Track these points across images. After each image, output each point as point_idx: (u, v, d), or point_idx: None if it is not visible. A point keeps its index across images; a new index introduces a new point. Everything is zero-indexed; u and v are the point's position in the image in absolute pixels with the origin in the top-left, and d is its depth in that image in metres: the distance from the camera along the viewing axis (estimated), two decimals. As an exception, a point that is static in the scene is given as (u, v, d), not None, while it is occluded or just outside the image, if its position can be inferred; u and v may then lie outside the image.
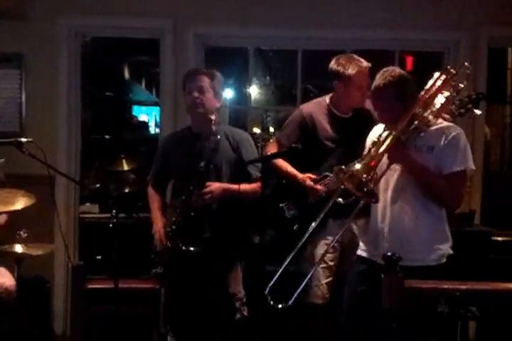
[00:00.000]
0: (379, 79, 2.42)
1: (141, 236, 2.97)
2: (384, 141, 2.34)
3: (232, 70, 6.03)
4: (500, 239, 3.61)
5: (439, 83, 2.39)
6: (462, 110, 2.56)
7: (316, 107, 3.07)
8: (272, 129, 7.32)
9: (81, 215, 3.87)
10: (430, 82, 2.41)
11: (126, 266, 2.84)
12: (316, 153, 3.00)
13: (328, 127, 3.00)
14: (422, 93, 2.39)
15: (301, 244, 2.59)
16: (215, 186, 2.70)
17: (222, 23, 3.74)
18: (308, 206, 2.96)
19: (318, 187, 2.92)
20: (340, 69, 2.91)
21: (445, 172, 2.37)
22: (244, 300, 2.82)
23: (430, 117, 2.39)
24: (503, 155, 6.17)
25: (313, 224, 2.58)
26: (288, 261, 2.55)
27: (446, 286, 1.94)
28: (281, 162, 3.02)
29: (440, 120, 2.44)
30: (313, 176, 2.95)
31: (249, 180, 2.78)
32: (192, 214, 2.66)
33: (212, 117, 2.73)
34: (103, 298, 3.16)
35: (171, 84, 3.72)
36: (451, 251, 2.45)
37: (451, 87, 2.41)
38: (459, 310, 2.90)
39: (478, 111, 2.56)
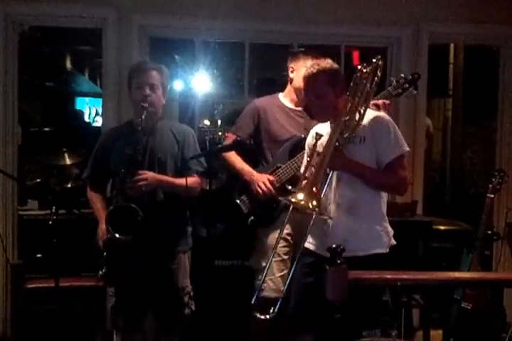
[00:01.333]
0: (311, 67, 2.49)
1: (83, 232, 2.87)
2: (321, 159, 2.36)
3: (179, 62, 5.93)
4: (442, 227, 3.74)
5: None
6: (400, 90, 2.62)
7: (269, 100, 3.13)
8: (219, 122, 7.26)
9: (20, 212, 3.71)
10: (353, 85, 2.43)
11: (68, 264, 2.77)
12: (269, 144, 3.04)
13: (281, 119, 3.05)
14: (349, 97, 2.42)
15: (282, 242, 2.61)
16: (149, 174, 2.63)
17: (168, 13, 3.66)
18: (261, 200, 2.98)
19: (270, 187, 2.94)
20: (290, 60, 3.02)
21: (385, 162, 2.44)
22: (192, 294, 2.79)
23: (357, 116, 2.41)
24: (445, 148, 6.36)
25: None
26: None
27: (389, 276, 1.96)
28: (233, 157, 3.03)
29: (368, 110, 2.47)
30: (271, 178, 2.96)
31: (189, 173, 2.73)
32: (133, 205, 2.55)
33: (159, 114, 2.71)
34: (44, 297, 3.06)
35: (114, 75, 3.62)
36: (394, 241, 2.51)
37: (372, 80, 2.43)
38: (402, 299, 2.97)
39: (414, 91, 2.61)
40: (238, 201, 3.03)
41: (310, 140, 2.64)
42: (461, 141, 6.15)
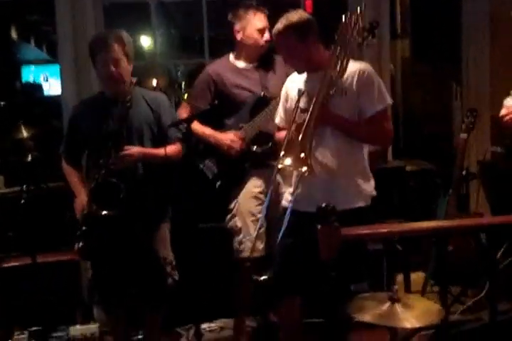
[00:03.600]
0: (279, 24, 2.43)
1: (54, 206, 2.88)
2: (308, 122, 2.29)
3: (134, 25, 5.71)
4: (411, 168, 3.77)
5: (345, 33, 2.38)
6: (359, 39, 2.61)
7: (221, 63, 3.08)
8: (183, 84, 7.08)
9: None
10: (337, 35, 2.39)
11: (42, 240, 2.69)
12: (229, 107, 2.99)
13: (237, 81, 3.00)
14: (332, 49, 2.38)
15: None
16: (135, 149, 2.61)
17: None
18: (227, 161, 2.96)
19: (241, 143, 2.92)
20: (233, 20, 2.97)
21: (368, 114, 2.41)
22: (174, 263, 2.77)
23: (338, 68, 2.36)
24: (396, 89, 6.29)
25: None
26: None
27: (384, 230, 1.96)
28: (196, 125, 2.96)
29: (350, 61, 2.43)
30: (238, 134, 2.94)
31: (169, 141, 2.69)
32: (114, 180, 2.52)
33: (128, 82, 2.65)
34: (21, 275, 2.97)
35: (70, 44, 3.51)
36: (375, 193, 2.49)
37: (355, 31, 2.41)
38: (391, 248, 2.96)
39: (373, 40, 2.62)
40: (201, 166, 3.01)
41: (284, 92, 2.59)
42: (412, 82, 6.09)
